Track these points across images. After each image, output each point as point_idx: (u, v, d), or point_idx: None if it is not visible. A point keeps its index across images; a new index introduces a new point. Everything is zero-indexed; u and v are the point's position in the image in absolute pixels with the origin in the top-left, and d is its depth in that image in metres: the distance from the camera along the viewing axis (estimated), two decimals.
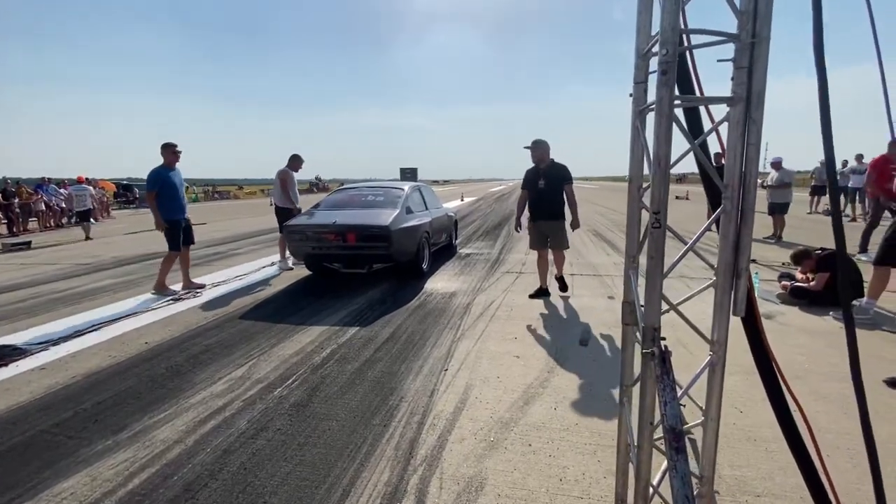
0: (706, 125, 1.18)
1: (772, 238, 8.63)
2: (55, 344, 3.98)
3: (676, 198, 21.17)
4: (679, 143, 1.19)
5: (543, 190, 4.93)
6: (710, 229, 1.17)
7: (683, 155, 1.13)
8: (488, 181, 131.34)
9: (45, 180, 16.36)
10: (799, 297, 4.65)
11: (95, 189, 17.29)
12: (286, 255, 6.90)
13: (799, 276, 4.90)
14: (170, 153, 5.52)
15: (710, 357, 1.23)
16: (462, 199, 25.17)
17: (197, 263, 7.27)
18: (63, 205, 16.15)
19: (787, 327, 4.03)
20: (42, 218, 15.18)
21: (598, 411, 2.69)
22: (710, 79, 1.23)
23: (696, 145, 1.08)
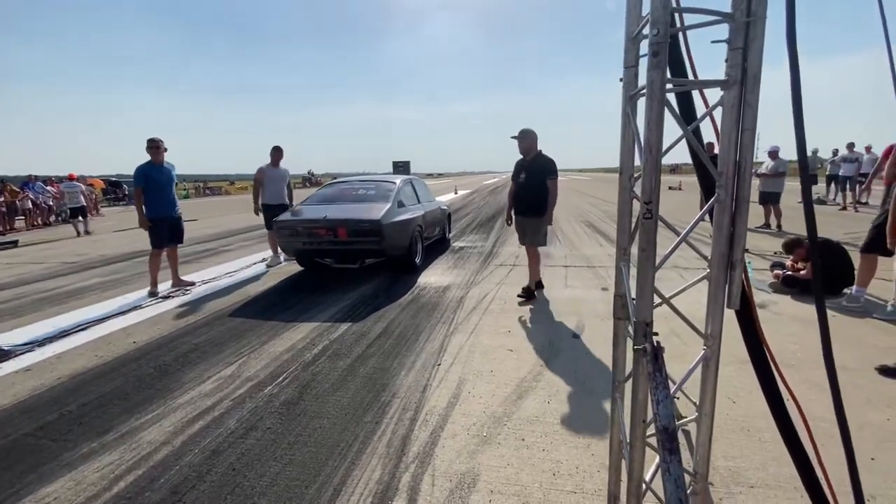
0: (700, 112, 1.13)
1: (764, 227, 8.66)
2: (40, 345, 3.90)
3: (669, 188, 21.21)
4: (673, 131, 1.14)
5: (523, 183, 4.70)
6: (704, 219, 1.13)
7: (676, 142, 1.09)
8: (483, 174, 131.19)
9: (31, 178, 16.10)
10: (791, 285, 4.66)
11: (85, 186, 17.04)
12: (278, 251, 6.83)
13: (790, 264, 4.91)
14: (154, 149, 5.41)
15: (705, 351, 1.20)
16: (456, 193, 25.09)
17: (187, 260, 7.17)
18: (50, 203, 15.90)
19: (780, 316, 4.03)
20: (29, 216, 14.94)
21: (592, 405, 2.67)
22: (705, 67, 1.18)
23: (689, 131, 1.03)
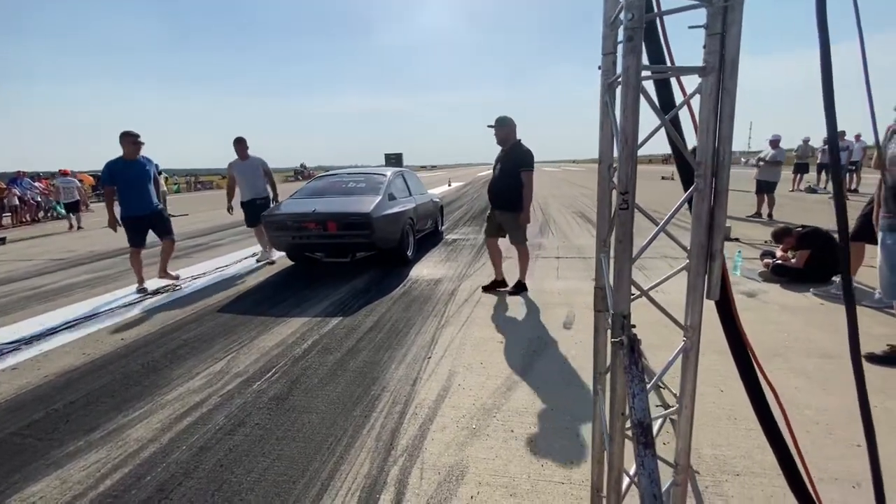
0: (679, 101, 1.11)
1: (755, 217, 8.70)
2: (27, 343, 3.85)
3: (662, 178, 21.26)
4: (652, 120, 1.12)
5: (497, 175, 4.44)
6: (685, 208, 1.12)
7: (654, 131, 1.07)
8: (477, 166, 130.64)
9: (19, 174, 15.84)
10: (780, 274, 4.69)
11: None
12: (268, 246, 6.77)
13: (779, 253, 4.94)
14: (128, 143, 4.94)
15: (684, 343, 1.19)
16: (450, 185, 25.00)
17: (177, 256, 7.09)
18: (38, 199, 15.68)
19: (769, 305, 4.06)
20: (17, 213, 14.73)
21: (581, 395, 2.68)
22: (686, 58, 1.15)
23: (667, 120, 1.02)
